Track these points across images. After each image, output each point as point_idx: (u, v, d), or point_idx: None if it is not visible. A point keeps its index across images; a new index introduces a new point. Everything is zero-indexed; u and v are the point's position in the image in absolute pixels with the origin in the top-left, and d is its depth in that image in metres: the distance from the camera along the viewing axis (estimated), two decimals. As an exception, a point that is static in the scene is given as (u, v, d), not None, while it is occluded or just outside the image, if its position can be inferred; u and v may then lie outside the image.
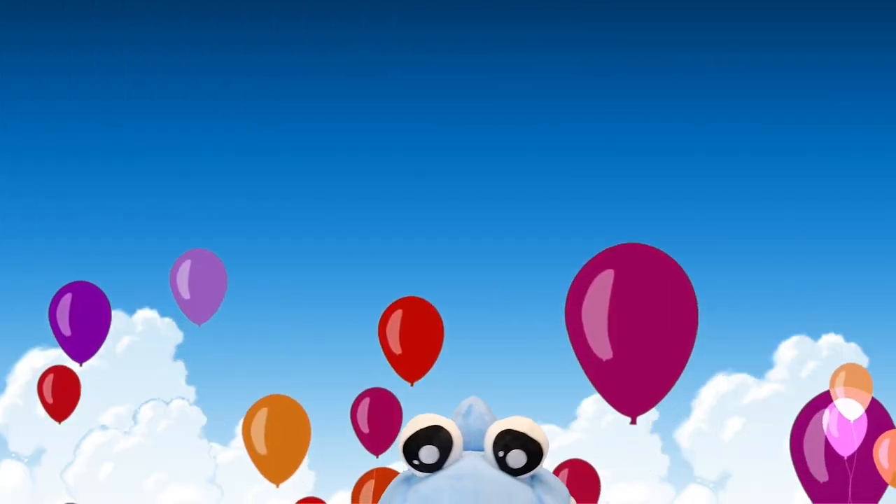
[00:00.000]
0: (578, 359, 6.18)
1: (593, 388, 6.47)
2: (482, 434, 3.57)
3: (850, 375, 9.23)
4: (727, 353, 12.41)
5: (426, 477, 3.55)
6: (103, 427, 12.24)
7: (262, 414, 8.70)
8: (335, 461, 10.85)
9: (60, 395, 9.67)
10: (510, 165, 12.31)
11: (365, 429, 9.17)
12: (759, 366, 12.39)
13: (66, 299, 9.43)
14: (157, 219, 12.54)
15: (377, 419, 9.18)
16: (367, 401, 9.22)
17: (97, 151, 12.19)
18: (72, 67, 12.12)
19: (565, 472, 9.22)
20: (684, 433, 12.27)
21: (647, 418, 12.40)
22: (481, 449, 3.56)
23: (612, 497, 11.91)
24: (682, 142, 12.35)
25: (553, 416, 12.07)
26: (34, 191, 12.13)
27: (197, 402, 12.36)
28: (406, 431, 3.48)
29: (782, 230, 12.27)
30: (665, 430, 12.25)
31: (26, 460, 11.99)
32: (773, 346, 12.40)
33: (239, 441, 12.48)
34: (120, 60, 12.10)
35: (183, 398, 12.37)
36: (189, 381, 12.53)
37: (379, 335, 8.88)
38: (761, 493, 11.71)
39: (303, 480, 12.08)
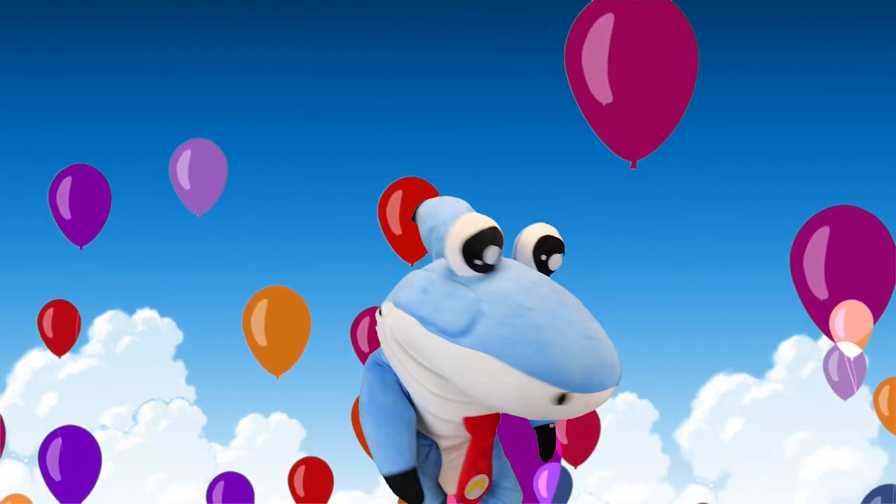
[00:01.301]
0: (578, 104, 6.11)
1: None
2: None
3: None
4: (727, 353, 12.43)
5: (478, 279, 3.59)
6: (103, 427, 12.25)
7: (262, 305, 8.60)
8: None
9: (60, 329, 9.63)
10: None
11: (365, 348, 9.13)
12: (759, 366, 12.41)
13: (66, 182, 9.36)
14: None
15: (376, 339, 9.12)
16: (367, 320, 9.17)
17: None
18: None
19: None
20: (684, 433, 12.29)
21: (647, 418, 12.44)
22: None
23: (613, 497, 11.92)
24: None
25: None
26: (29, 193, 12.15)
27: (197, 402, 12.37)
28: (465, 230, 3.56)
29: (782, 230, 12.27)
30: (665, 430, 12.27)
31: (26, 460, 11.98)
32: (773, 346, 12.42)
33: (239, 441, 12.53)
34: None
35: (183, 398, 12.38)
36: (189, 381, 12.54)
37: (379, 216, 8.74)
38: (761, 493, 11.73)
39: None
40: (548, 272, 3.82)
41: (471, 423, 3.93)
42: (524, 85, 12.23)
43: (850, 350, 9.19)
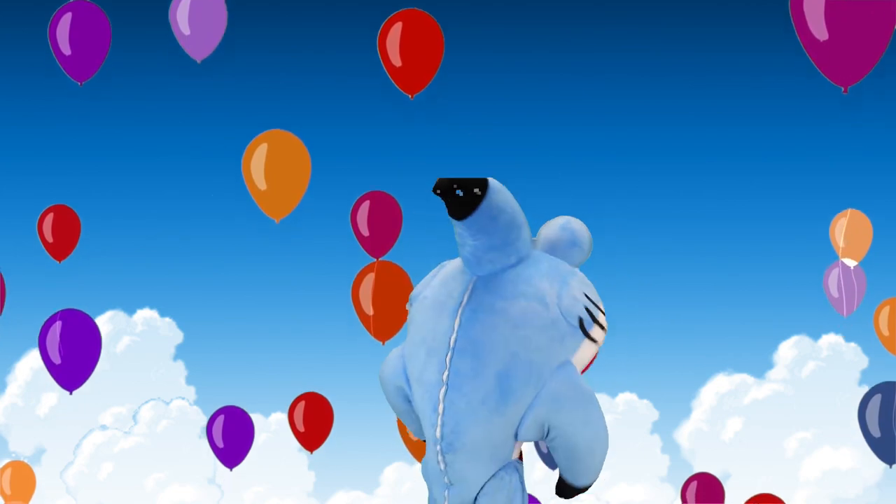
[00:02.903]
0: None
1: (594, 390, 6.52)
2: None
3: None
4: (727, 353, 12.43)
5: None
6: (103, 427, 12.25)
7: (262, 149, 8.56)
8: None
9: (60, 234, 9.59)
10: None
11: (365, 231, 9.10)
12: (759, 366, 12.41)
13: (66, 19, 9.26)
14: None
15: (377, 221, 9.10)
16: (366, 203, 9.14)
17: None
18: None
19: None
20: (684, 433, 12.28)
21: (648, 418, 12.43)
22: None
23: (613, 497, 11.92)
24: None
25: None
26: (33, 193, 12.14)
27: (197, 402, 12.37)
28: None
29: (782, 230, 12.28)
30: (665, 430, 12.27)
31: (26, 460, 11.99)
32: (773, 347, 12.42)
33: (239, 441, 12.52)
34: None
35: (183, 398, 12.38)
36: (189, 381, 12.54)
37: (379, 49, 8.67)
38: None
39: (302, 480, 12.10)
40: None
41: None
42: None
43: (850, 262, 9.22)
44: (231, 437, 10.26)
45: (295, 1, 12.29)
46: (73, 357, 9.49)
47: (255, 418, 12.48)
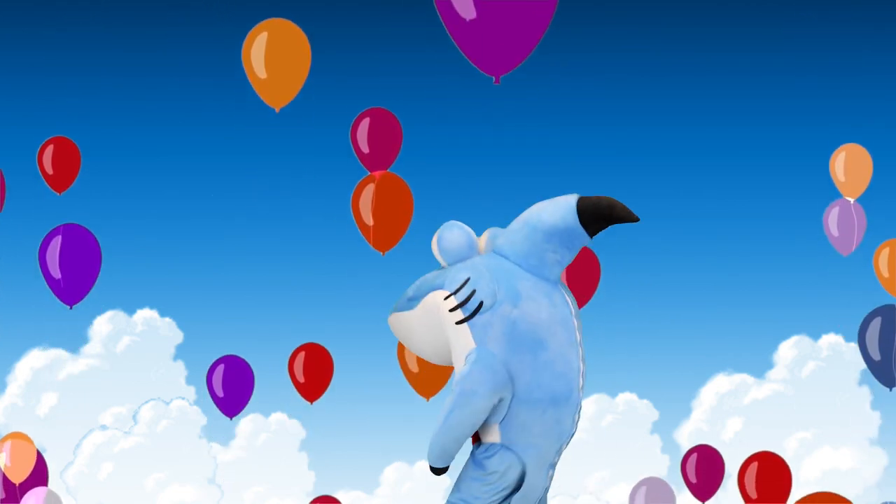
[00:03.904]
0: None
1: (593, 390, 6.53)
2: None
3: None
4: (727, 353, 12.42)
5: None
6: (103, 427, 12.24)
7: (262, 38, 8.54)
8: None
9: (60, 166, 9.56)
10: None
11: (365, 149, 9.08)
12: (759, 366, 12.40)
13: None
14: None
15: (377, 138, 9.08)
16: (366, 120, 9.12)
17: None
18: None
19: None
20: (684, 433, 12.28)
21: (648, 418, 12.43)
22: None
23: (613, 497, 11.92)
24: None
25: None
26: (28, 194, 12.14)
27: (197, 402, 12.36)
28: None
29: (782, 230, 12.28)
30: (665, 430, 12.26)
31: (26, 460, 11.98)
32: (773, 347, 12.41)
33: (239, 441, 12.51)
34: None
35: (183, 398, 12.37)
36: (189, 381, 12.53)
37: None
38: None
39: (302, 480, 12.10)
40: None
41: None
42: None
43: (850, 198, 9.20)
44: (230, 387, 10.24)
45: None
46: (73, 271, 9.44)
47: (255, 418, 12.50)
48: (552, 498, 4.37)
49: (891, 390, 9.46)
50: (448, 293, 4.26)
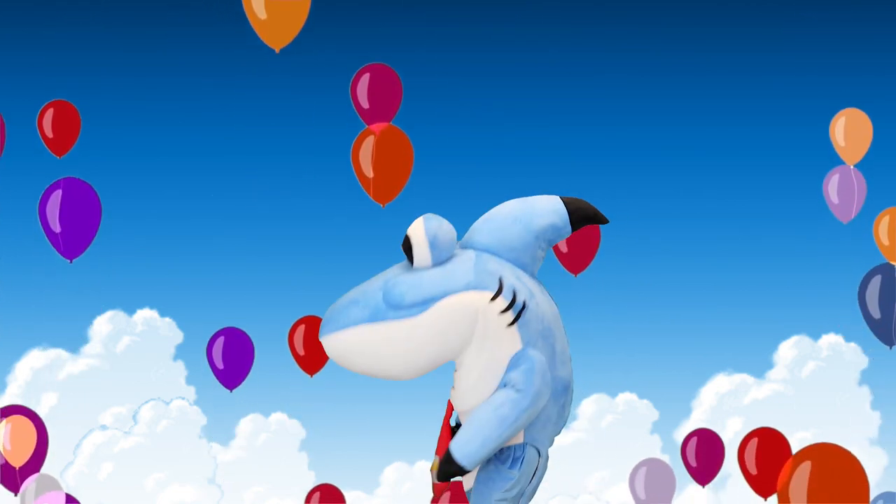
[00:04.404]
0: None
1: (592, 390, 6.58)
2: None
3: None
4: (727, 353, 12.42)
5: None
6: (103, 427, 12.24)
7: None
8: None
9: (60, 129, 9.54)
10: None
11: (365, 104, 9.09)
12: (759, 366, 12.40)
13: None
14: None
15: (376, 93, 9.08)
16: (366, 76, 9.13)
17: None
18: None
19: None
20: (684, 433, 12.26)
21: (647, 418, 12.42)
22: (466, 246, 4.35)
23: (613, 497, 11.92)
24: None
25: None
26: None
27: (197, 402, 12.36)
28: None
29: (782, 230, 12.28)
30: (665, 430, 12.26)
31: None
32: (773, 347, 12.41)
33: (239, 441, 12.52)
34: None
35: (183, 398, 12.38)
36: (189, 381, 12.53)
37: None
38: (761, 493, 11.71)
39: (302, 480, 12.09)
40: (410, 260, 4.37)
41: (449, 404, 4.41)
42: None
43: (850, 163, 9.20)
44: (230, 358, 10.24)
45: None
46: (73, 225, 9.42)
47: (255, 418, 12.50)
48: (552, 498, 4.41)
49: (890, 348, 9.44)
50: (493, 294, 4.15)
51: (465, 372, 4.22)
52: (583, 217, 4.41)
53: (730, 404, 12.28)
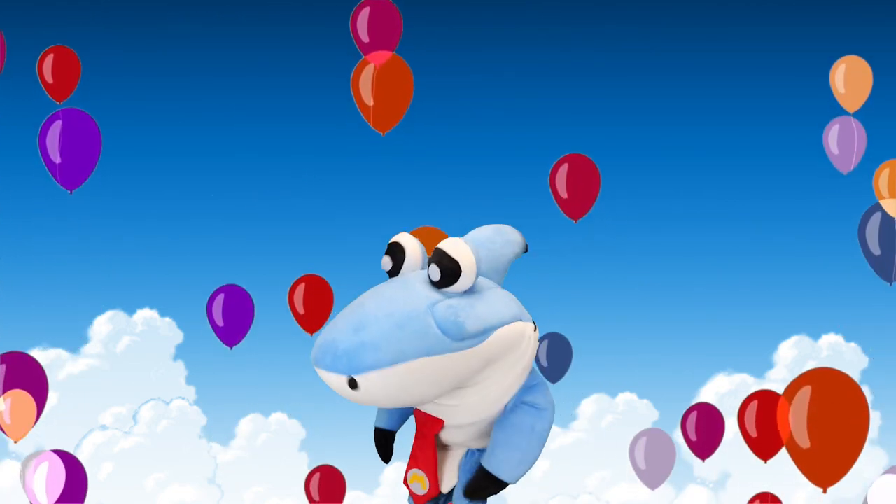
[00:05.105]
0: None
1: (592, 390, 6.60)
2: None
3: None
4: (727, 353, 12.42)
5: None
6: (103, 427, 12.25)
7: None
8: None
9: (60, 76, 9.52)
10: None
11: (365, 38, 9.06)
12: (759, 366, 12.40)
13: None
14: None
15: (376, 32, 9.10)
16: (366, 10, 9.14)
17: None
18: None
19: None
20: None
21: (647, 418, 12.42)
22: None
23: (613, 497, 11.92)
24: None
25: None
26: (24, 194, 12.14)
27: (197, 402, 12.37)
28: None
29: (782, 229, 12.28)
30: (665, 430, 12.25)
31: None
32: (773, 347, 12.41)
33: (239, 441, 12.53)
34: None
35: (183, 398, 12.38)
36: (189, 381, 12.54)
37: None
38: (761, 493, 11.71)
39: (302, 480, 12.10)
40: (435, 284, 3.94)
41: (417, 416, 4.42)
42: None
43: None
44: (231, 315, 10.24)
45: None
46: (74, 155, 9.41)
47: (255, 418, 12.51)
48: (552, 498, 4.47)
49: (891, 285, 9.41)
50: (534, 325, 4.17)
51: (479, 389, 4.12)
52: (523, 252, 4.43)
53: (730, 404, 12.27)
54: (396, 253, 4.00)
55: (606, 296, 11.95)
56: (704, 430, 10.11)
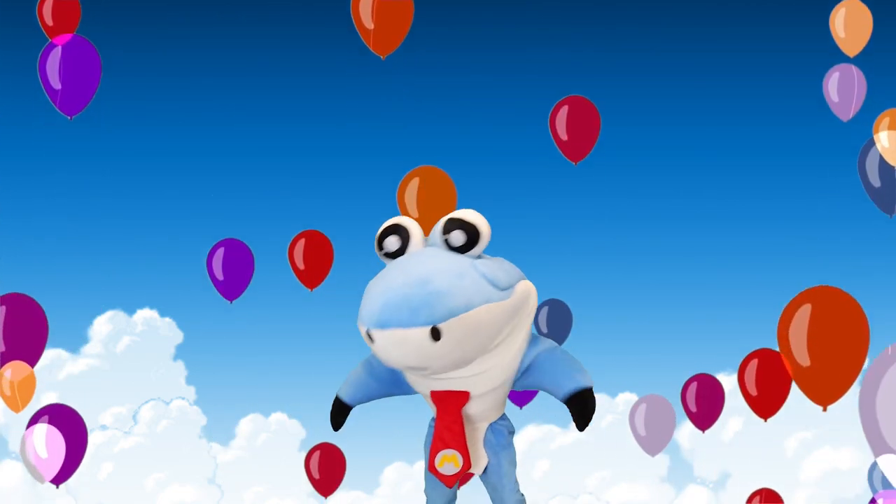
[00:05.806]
0: None
1: (594, 390, 6.61)
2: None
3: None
4: (727, 353, 12.40)
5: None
6: (103, 427, 12.26)
7: None
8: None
9: (60, 19, 9.50)
10: None
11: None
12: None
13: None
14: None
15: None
16: None
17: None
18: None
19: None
20: (684, 433, 12.27)
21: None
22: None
23: (613, 497, 11.93)
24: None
25: (552, 416, 12.09)
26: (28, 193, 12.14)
27: (197, 402, 12.38)
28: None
29: (782, 229, 12.28)
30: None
31: (26, 461, 11.98)
32: (773, 347, 12.39)
33: (239, 441, 12.54)
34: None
35: (183, 398, 12.39)
36: (189, 381, 12.55)
37: None
38: (761, 493, 11.71)
39: (302, 480, 12.11)
40: (456, 250, 4.23)
41: (436, 396, 4.45)
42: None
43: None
44: (230, 269, 10.23)
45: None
46: (73, 82, 9.40)
47: (255, 418, 12.51)
48: (552, 498, 4.56)
49: (890, 217, 9.39)
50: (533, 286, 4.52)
51: (497, 353, 4.36)
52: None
53: (730, 404, 12.27)
54: (401, 233, 4.27)
55: (606, 295, 11.95)
56: (704, 401, 10.12)
